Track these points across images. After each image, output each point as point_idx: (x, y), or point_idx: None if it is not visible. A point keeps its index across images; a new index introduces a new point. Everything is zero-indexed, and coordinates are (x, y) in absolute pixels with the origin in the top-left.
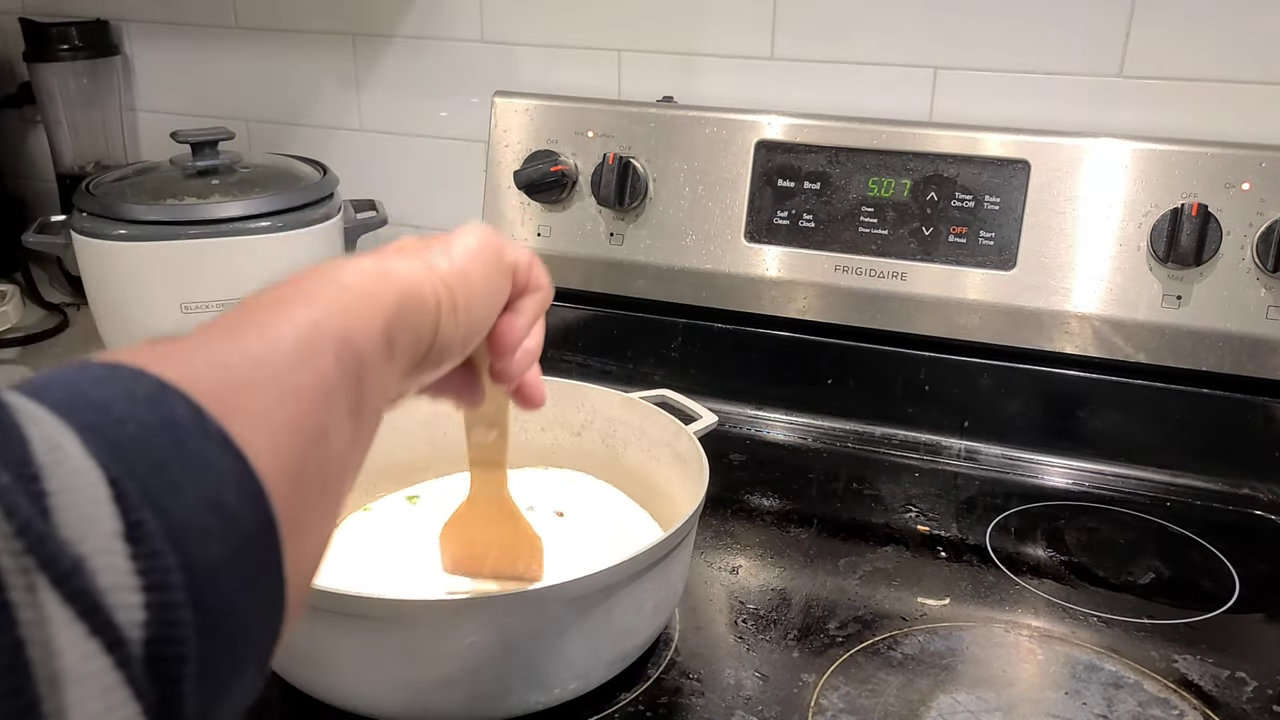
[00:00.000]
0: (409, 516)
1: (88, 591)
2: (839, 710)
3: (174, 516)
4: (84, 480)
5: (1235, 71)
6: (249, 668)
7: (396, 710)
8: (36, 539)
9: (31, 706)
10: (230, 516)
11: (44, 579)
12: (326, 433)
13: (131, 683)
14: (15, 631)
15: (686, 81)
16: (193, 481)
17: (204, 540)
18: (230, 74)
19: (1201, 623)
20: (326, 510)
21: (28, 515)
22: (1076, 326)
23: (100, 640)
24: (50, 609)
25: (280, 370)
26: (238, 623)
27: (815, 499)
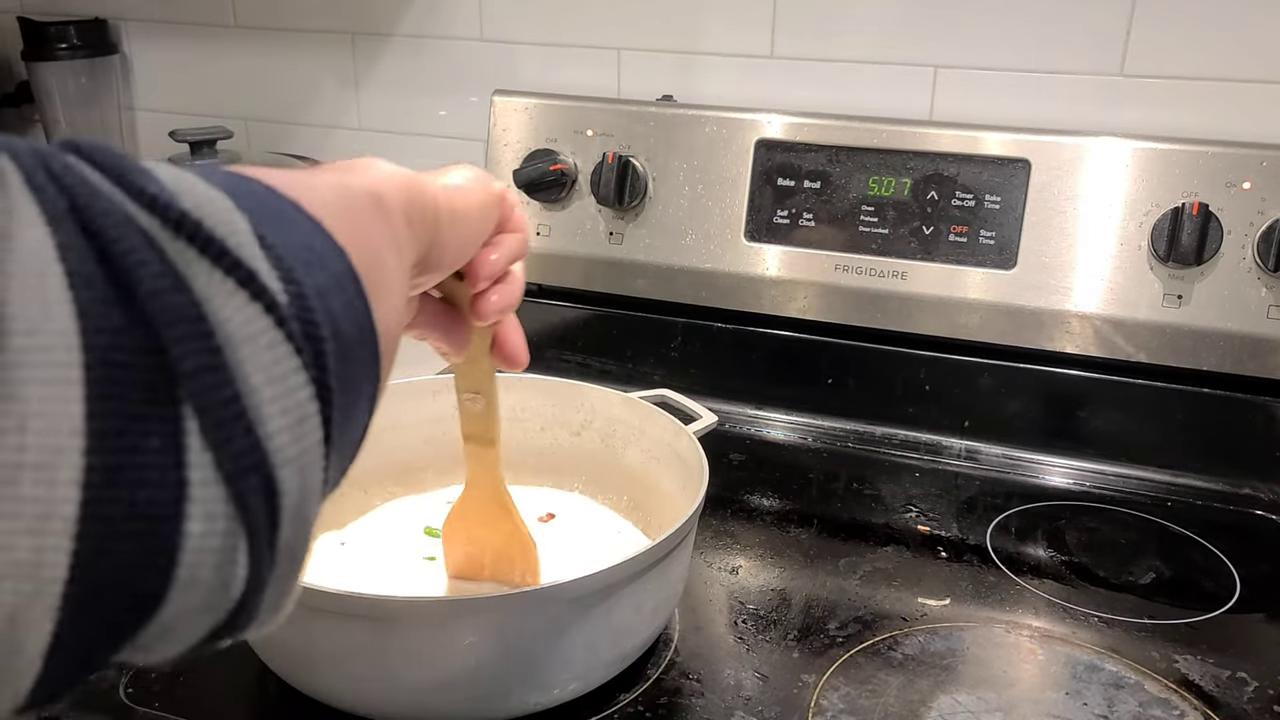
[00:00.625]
0: (409, 517)
1: (243, 266)
2: (839, 710)
3: (286, 242)
4: (213, 197)
5: (1236, 70)
6: (362, 398)
7: (396, 710)
8: (193, 228)
9: (218, 352)
10: (321, 256)
11: (204, 261)
12: (379, 245)
13: (290, 339)
14: (192, 294)
15: (686, 80)
16: (287, 225)
17: (308, 267)
18: (229, 73)
19: (1202, 623)
20: (390, 308)
21: (182, 210)
22: (1077, 326)
23: (259, 304)
24: (214, 283)
25: (322, 188)
26: (348, 343)
27: (815, 499)
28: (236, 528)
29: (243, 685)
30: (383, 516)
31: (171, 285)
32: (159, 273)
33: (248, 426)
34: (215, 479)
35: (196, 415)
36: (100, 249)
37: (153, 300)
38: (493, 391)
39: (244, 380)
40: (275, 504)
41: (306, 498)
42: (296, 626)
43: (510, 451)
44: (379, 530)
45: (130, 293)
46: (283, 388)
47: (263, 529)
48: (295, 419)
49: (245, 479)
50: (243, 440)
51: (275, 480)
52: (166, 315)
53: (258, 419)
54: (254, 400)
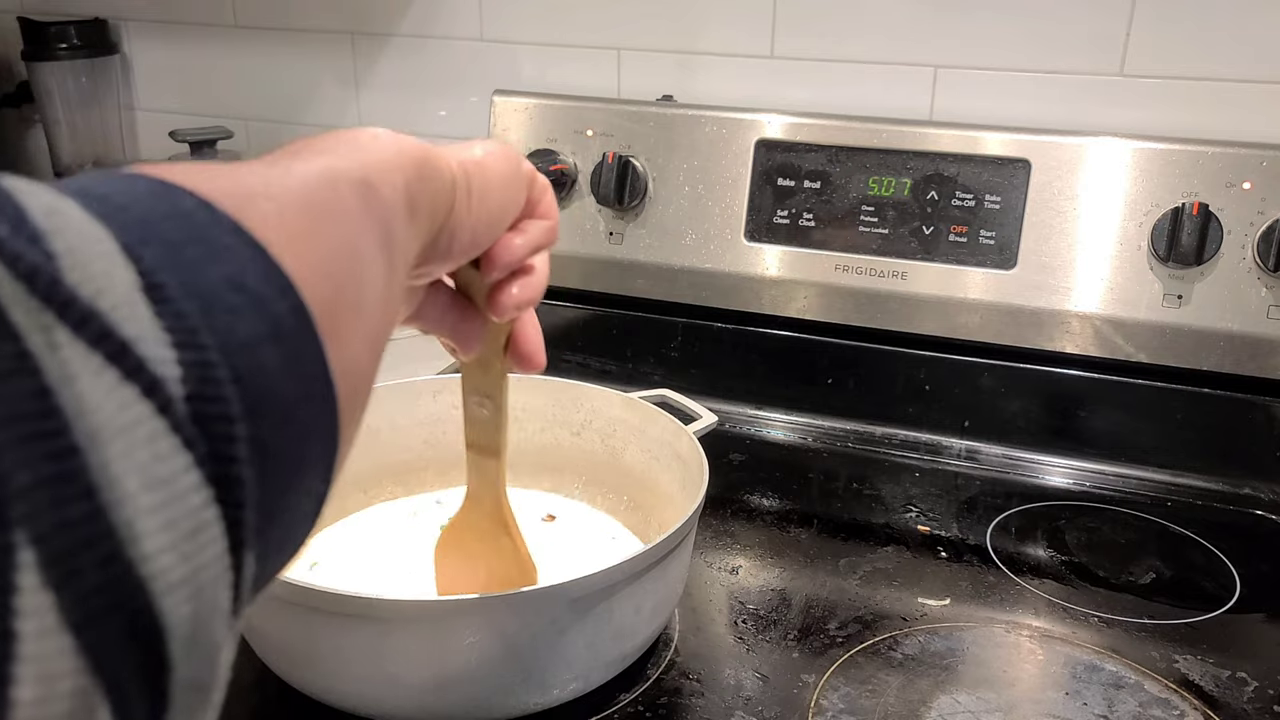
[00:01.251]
0: (409, 516)
1: (114, 336)
2: (839, 710)
3: (195, 287)
4: (91, 238)
5: (1236, 71)
6: (309, 470)
7: (396, 710)
8: (49, 286)
9: (71, 451)
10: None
11: (64, 328)
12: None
13: (177, 430)
14: (40, 379)
15: (686, 80)
16: (209, 261)
17: (232, 315)
18: (229, 73)
19: (1202, 623)
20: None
21: (34, 262)
22: (1077, 326)
23: (135, 386)
24: (76, 359)
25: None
26: (284, 408)
27: (815, 499)
28: (91, 685)
29: (243, 685)
30: (383, 516)
31: (7, 369)
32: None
33: (109, 554)
34: (58, 627)
35: (33, 545)
36: None
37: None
38: (503, 398)
39: (111, 487)
40: (157, 644)
41: (206, 624)
42: (296, 626)
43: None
44: (379, 530)
45: None
46: (166, 494)
47: (133, 680)
48: (184, 532)
49: (104, 622)
50: (101, 573)
51: (155, 614)
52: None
53: (129, 538)
54: (125, 514)
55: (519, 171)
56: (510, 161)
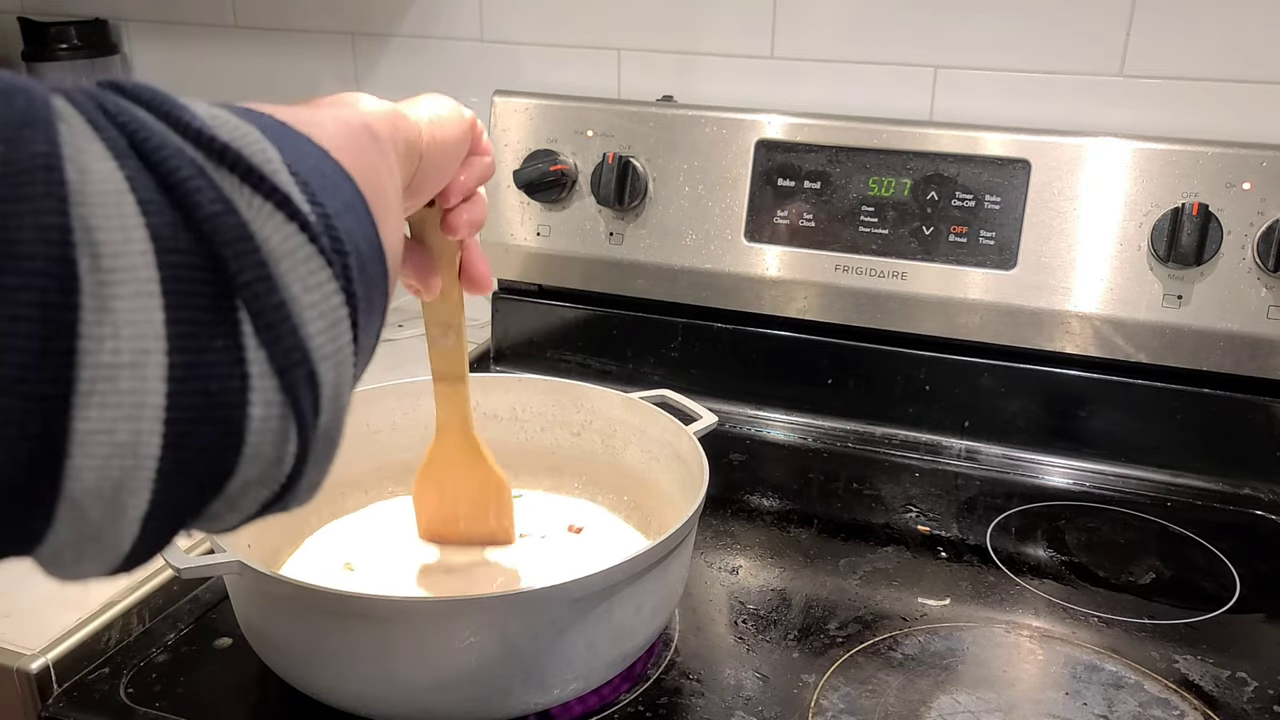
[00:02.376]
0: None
1: (279, 191)
2: (839, 710)
3: (306, 169)
4: (245, 130)
5: (1235, 71)
6: (375, 311)
7: (396, 710)
8: (234, 158)
9: (266, 264)
10: (335, 182)
11: (246, 187)
12: (377, 167)
13: (323, 254)
14: (240, 216)
15: (686, 81)
16: (304, 154)
17: (328, 191)
18: (230, 73)
19: (1202, 623)
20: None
21: (224, 142)
22: (1077, 326)
23: (295, 224)
24: (255, 205)
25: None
26: (362, 260)
27: (815, 499)
28: (288, 412)
29: (243, 685)
30: (382, 515)
31: (224, 209)
32: (213, 199)
33: (293, 328)
34: (269, 372)
35: (251, 319)
36: (161, 179)
37: (210, 223)
38: (461, 324)
39: (286, 289)
40: (317, 394)
41: (341, 389)
42: (296, 626)
43: (510, 452)
44: (379, 530)
45: (191, 216)
46: (318, 295)
47: (308, 414)
48: (330, 322)
49: (293, 372)
50: (290, 340)
51: (317, 374)
52: (222, 235)
53: (300, 322)
54: (296, 307)
55: (465, 124)
56: (459, 117)
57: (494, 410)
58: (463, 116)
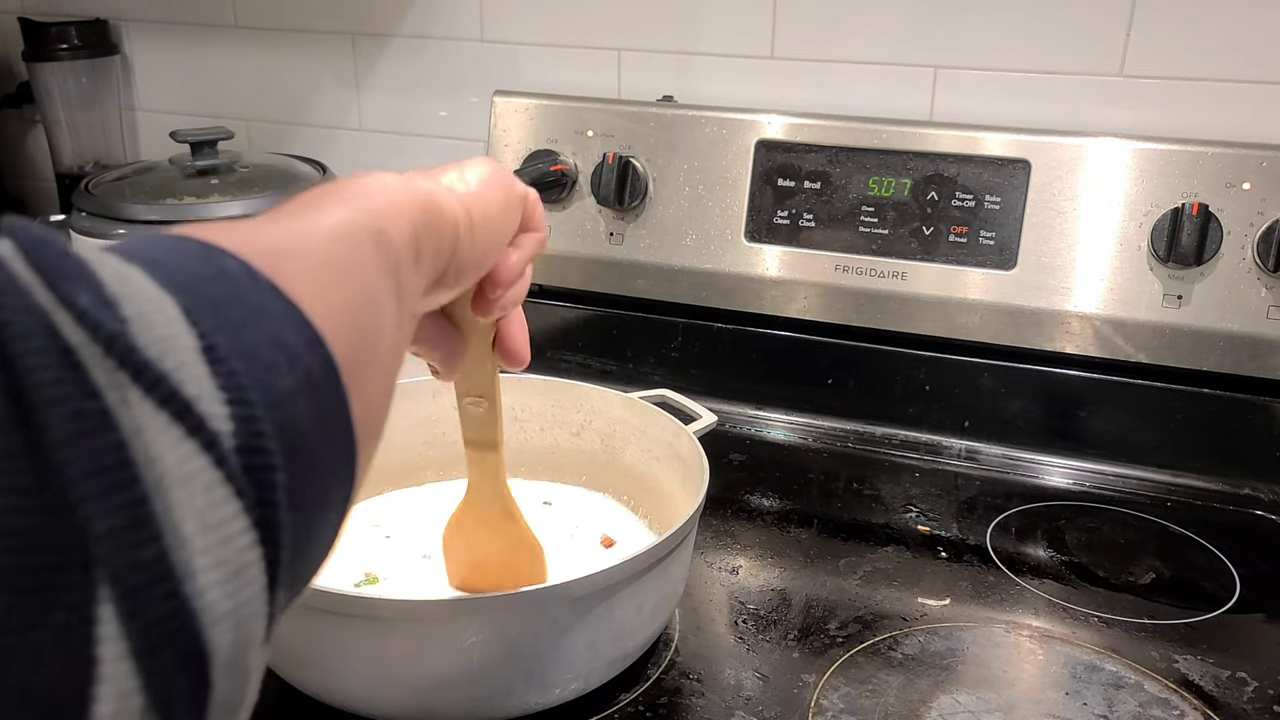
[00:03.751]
0: (409, 516)
1: (179, 397)
2: (839, 710)
3: (242, 346)
4: (157, 305)
5: (1235, 71)
6: (330, 512)
7: (397, 710)
8: (125, 351)
9: (143, 500)
10: (292, 353)
11: (136, 389)
12: (375, 301)
13: (231, 481)
14: (118, 434)
15: (686, 81)
16: (253, 321)
17: (271, 371)
18: (230, 73)
19: (1202, 623)
20: (382, 381)
21: (113, 330)
22: (1077, 326)
23: (197, 441)
24: (146, 416)
25: (321, 244)
26: (312, 453)
27: (815, 499)
28: (151, 703)
29: None
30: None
31: (88, 428)
32: (75, 413)
33: (171, 590)
34: (129, 654)
35: (111, 582)
36: (11, 381)
37: (64, 449)
38: (496, 394)
39: (173, 531)
40: (204, 668)
41: (244, 650)
42: (296, 626)
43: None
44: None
45: (40, 437)
46: (218, 536)
47: (184, 700)
48: (231, 571)
49: (164, 651)
50: (164, 606)
51: (203, 643)
52: (79, 467)
53: (186, 575)
54: (183, 554)
55: (512, 195)
56: (505, 188)
57: None
58: (511, 192)
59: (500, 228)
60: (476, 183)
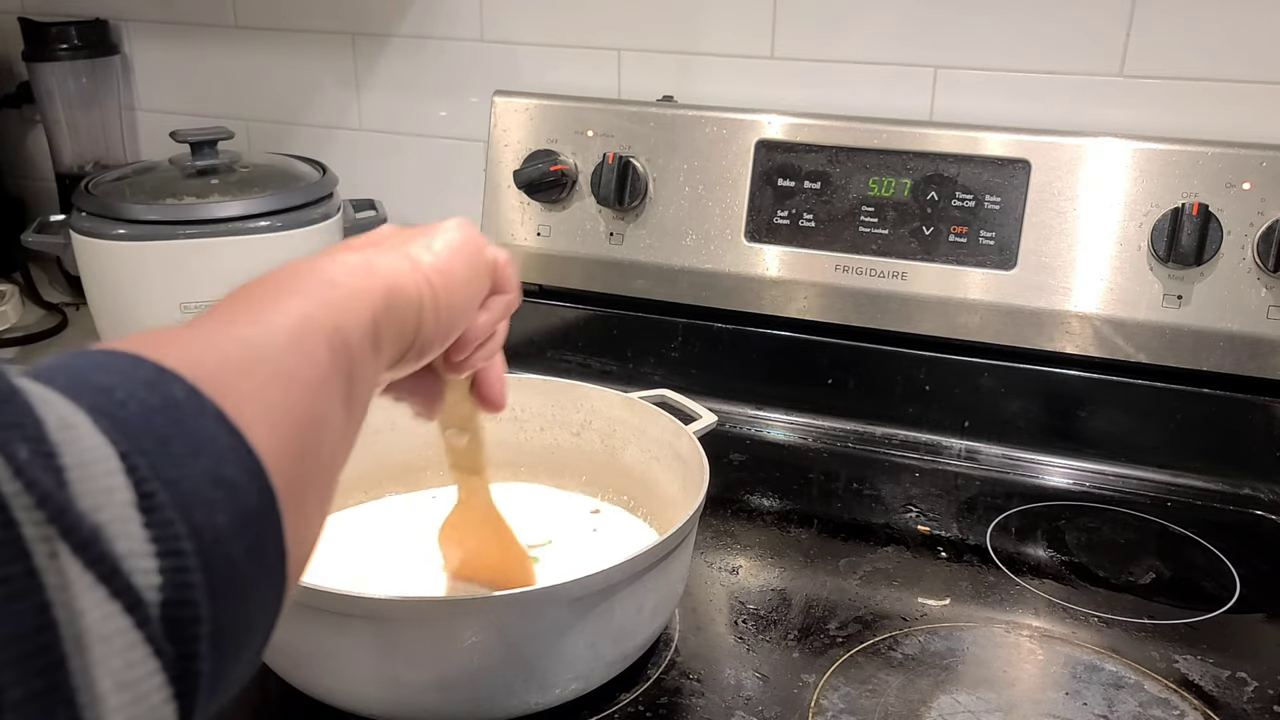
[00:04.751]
0: (409, 516)
1: (107, 557)
2: (839, 710)
3: (181, 487)
4: (97, 455)
5: (1235, 71)
6: (255, 637)
7: (396, 710)
8: (57, 509)
9: (60, 664)
10: (232, 489)
11: (65, 546)
12: (322, 418)
13: (151, 641)
14: (43, 595)
15: (686, 81)
16: (195, 456)
17: (209, 510)
18: (230, 73)
19: (1202, 623)
20: (322, 493)
21: (47, 487)
22: (1077, 326)
23: (121, 602)
24: (73, 574)
25: (274, 354)
26: (243, 589)
27: (815, 499)
28: None
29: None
30: (381, 515)
31: (13, 592)
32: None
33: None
34: None
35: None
36: None
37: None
38: (477, 427)
39: (88, 689)
40: None
41: None
42: (296, 626)
43: (510, 452)
44: (379, 530)
45: None
46: (133, 695)
47: None
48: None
49: None
50: None
51: None
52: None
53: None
54: (95, 713)
55: (481, 262)
56: (472, 256)
57: None
58: (480, 259)
59: (466, 298)
60: (445, 254)
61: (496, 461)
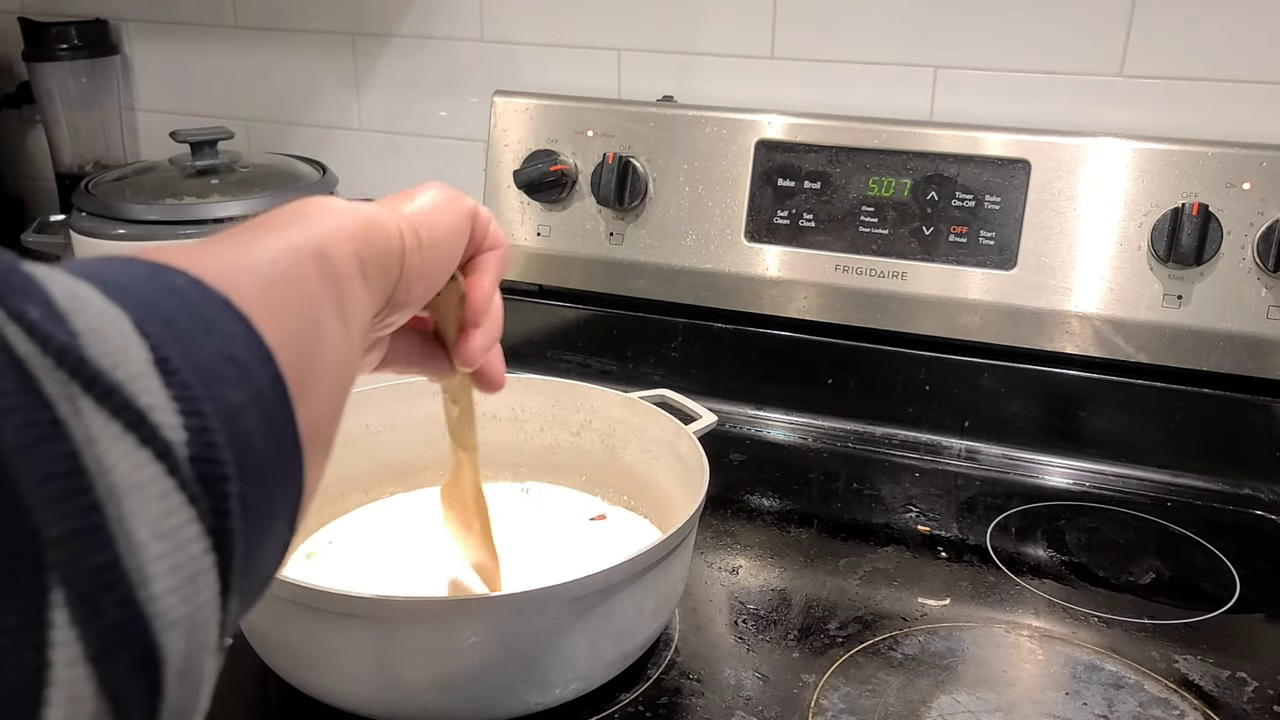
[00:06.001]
0: (409, 516)
1: (131, 407)
2: (839, 710)
3: (195, 359)
4: (109, 319)
5: (1236, 71)
6: (278, 525)
7: (396, 710)
8: (75, 362)
9: (96, 507)
10: (244, 369)
11: (88, 399)
12: (319, 323)
13: (184, 488)
14: (70, 444)
15: (686, 81)
16: (205, 335)
17: (223, 384)
18: (229, 73)
19: (1202, 623)
20: (325, 405)
21: (63, 342)
22: (1077, 326)
23: (150, 450)
24: (98, 427)
25: (264, 265)
26: (261, 468)
27: (815, 499)
28: (104, 709)
29: (243, 685)
30: (381, 515)
31: (39, 437)
32: (26, 422)
33: (125, 595)
34: (82, 658)
35: (64, 586)
36: None
37: (16, 457)
38: (468, 401)
39: (127, 538)
40: (157, 674)
41: (196, 657)
42: (296, 626)
43: (510, 451)
44: (379, 530)
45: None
46: (172, 543)
47: (137, 706)
48: (186, 577)
49: (118, 655)
50: (117, 612)
51: (157, 648)
52: (32, 474)
53: (140, 581)
54: (137, 560)
55: (462, 209)
56: (454, 208)
57: (494, 410)
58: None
59: (449, 244)
60: (424, 202)
61: (496, 462)
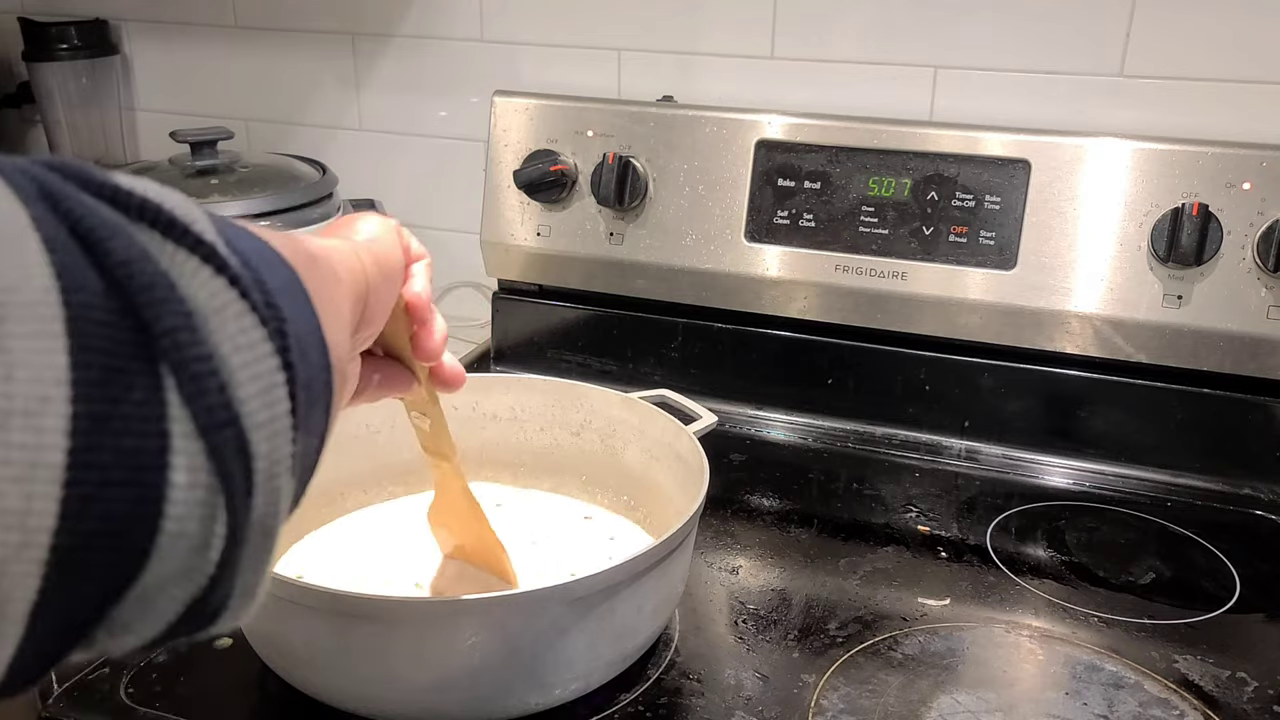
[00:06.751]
0: (409, 516)
1: (204, 243)
2: (839, 710)
3: (240, 244)
4: (172, 193)
5: (1235, 71)
6: (318, 405)
7: (396, 710)
8: (154, 212)
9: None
10: (272, 262)
11: (168, 242)
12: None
13: (255, 310)
14: (159, 264)
15: (686, 81)
16: (240, 238)
17: (265, 265)
18: (229, 73)
19: (1202, 623)
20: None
21: (140, 199)
22: (1077, 326)
23: (224, 278)
24: (179, 261)
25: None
26: (302, 344)
27: (815, 499)
28: (216, 484)
29: (243, 685)
30: (381, 515)
31: (140, 256)
32: (128, 244)
33: (221, 385)
34: (194, 433)
35: (173, 372)
36: (71, 225)
37: (124, 269)
38: (437, 412)
39: (215, 345)
40: (250, 465)
41: (276, 467)
42: (297, 626)
43: (510, 452)
44: (379, 530)
45: (103, 263)
46: (250, 356)
47: (239, 488)
48: (264, 387)
49: (221, 434)
50: (217, 398)
51: (249, 442)
52: (139, 281)
53: (230, 381)
54: (225, 364)
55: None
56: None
57: (494, 410)
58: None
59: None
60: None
61: (496, 461)
